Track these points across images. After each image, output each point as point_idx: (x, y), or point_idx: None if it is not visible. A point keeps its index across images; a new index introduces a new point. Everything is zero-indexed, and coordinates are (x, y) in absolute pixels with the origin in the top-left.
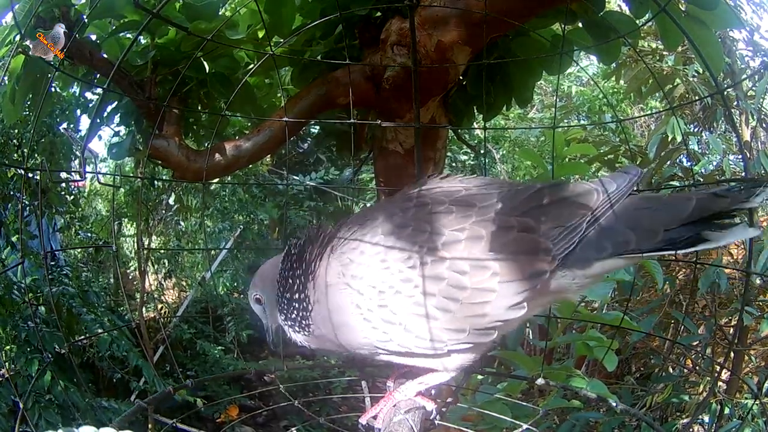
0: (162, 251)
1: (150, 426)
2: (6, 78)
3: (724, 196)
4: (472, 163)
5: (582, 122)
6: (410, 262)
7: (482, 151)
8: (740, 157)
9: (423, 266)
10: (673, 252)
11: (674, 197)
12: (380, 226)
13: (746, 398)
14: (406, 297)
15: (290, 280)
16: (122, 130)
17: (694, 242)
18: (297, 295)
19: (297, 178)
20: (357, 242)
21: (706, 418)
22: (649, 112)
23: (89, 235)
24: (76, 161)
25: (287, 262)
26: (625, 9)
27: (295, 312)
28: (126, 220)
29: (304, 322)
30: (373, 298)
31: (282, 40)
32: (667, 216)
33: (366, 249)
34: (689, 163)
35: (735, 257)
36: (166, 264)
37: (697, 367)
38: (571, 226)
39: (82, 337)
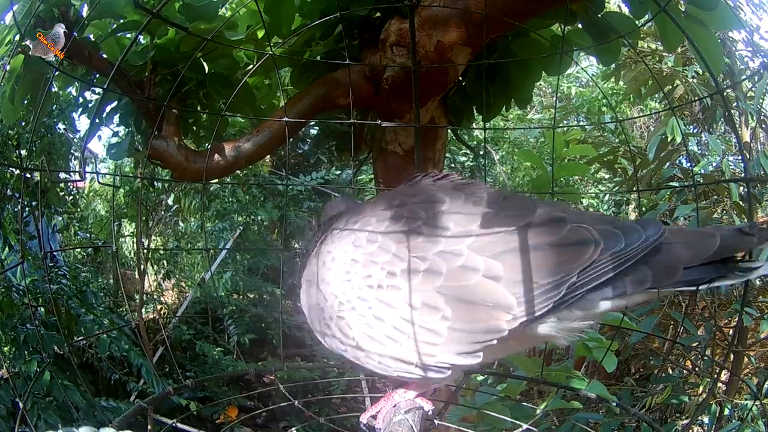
0: (161, 252)
1: (150, 426)
2: (5, 78)
3: (751, 234)
4: (471, 164)
5: (581, 123)
6: (369, 281)
7: (482, 152)
8: (740, 157)
9: (379, 289)
10: (693, 289)
11: (697, 233)
12: (355, 234)
13: (746, 399)
14: (359, 315)
15: (300, 258)
16: (121, 130)
17: (713, 279)
18: (299, 275)
19: (297, 179)
20: (335, 245)
21: (706, 419)
22: (648, 113)
23: (88, 235)
24: (75, 161)
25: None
26: (625, 9)
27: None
28: (125, 220)
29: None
30: (333, 306)
31: (281, 41)
32: (688, 254)
33: (338, 255)
34: (689, 164)
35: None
36: (166, 264)
37: (697, 368)
38: (546, 285)
39: (82, 337)
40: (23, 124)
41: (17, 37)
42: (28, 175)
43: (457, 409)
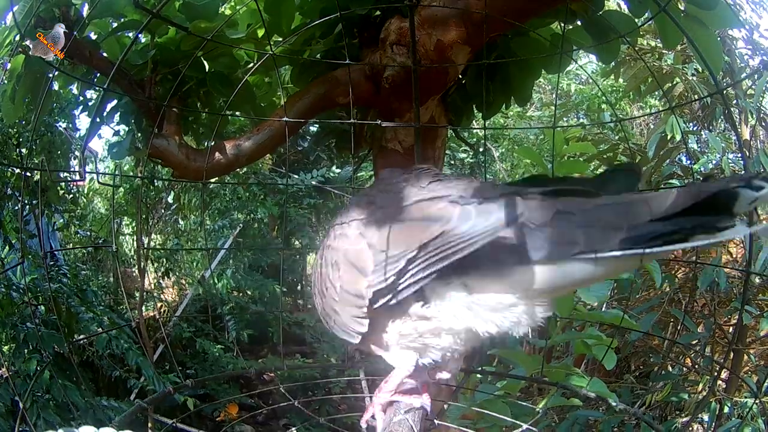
0: (162, 250)
1: (150, 426)
2: (6, 78)
3: (719, 179)
4: (471, 161)
5: (581, 120)
6: (328, 241)
7: (481, 150)
8: (739, 155)
9: (327, 248)
10: (641, 252)
11: (652, 192)
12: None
13: (745, 397)
14: (317, 271)
15: None
16: (122, 129)
17: (673, 237)
18: None
19: (297, 176)
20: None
21: (706, 417)
22: (648, 110)
23: (88, 234)
24: (75, 160)
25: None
26: (625, 8)
27: None
28: (125, 218)
29: None
30: (315, 265)
31: (282, 40)
32: (636, 210)
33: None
34: (688, 162)
35: (734, 256)
36: (165, 262)
37: (697, 366)
38: (394, 257)
39: (82, 336)
40: (23, 123)
41: (17, 38)
42: (28, 174)
43: (456, 407)
